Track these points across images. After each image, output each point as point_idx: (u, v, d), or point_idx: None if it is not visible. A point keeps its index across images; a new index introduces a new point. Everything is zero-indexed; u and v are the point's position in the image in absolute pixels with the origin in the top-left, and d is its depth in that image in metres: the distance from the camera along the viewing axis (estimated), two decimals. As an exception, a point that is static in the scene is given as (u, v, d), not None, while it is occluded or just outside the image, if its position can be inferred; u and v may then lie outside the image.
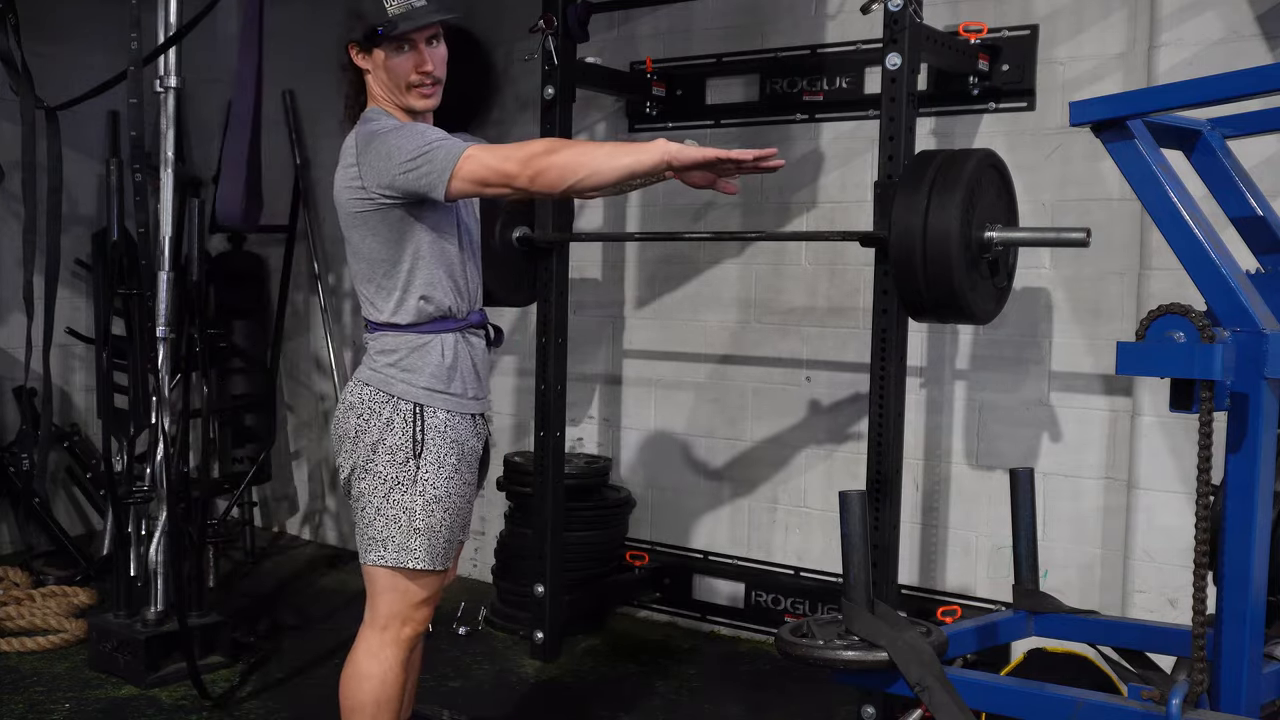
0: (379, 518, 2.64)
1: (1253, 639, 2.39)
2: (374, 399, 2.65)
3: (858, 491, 2.66)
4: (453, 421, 2.67)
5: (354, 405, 2.67)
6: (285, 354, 5.73)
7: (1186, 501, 3.44)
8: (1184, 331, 2.30)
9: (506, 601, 4.49)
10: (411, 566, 2.64)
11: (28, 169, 4.12)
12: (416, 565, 2.64)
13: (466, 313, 2.74)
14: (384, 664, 2.70)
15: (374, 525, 2.65)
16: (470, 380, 2.72)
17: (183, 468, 3.97)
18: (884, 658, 2.57)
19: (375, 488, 2.64)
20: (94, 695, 3.75)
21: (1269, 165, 3.28)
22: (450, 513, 2.68)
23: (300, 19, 5.50)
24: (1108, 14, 3.72)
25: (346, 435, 2.68)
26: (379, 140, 2.61)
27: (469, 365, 2.72)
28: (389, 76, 2.68)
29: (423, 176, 2.52)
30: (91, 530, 5.55)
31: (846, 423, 4.24)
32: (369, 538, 2.66)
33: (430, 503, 2.64)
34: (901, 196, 3.17)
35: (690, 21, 4.53)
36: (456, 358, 2.69)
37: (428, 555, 2.65)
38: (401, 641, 2.71)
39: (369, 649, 2.71)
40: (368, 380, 2.68)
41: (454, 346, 2.69)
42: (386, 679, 2.70)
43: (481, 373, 2.78)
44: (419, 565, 2.65)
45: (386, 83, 2.70)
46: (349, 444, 2.67)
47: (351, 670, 2.73)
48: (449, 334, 2.69)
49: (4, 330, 5.29)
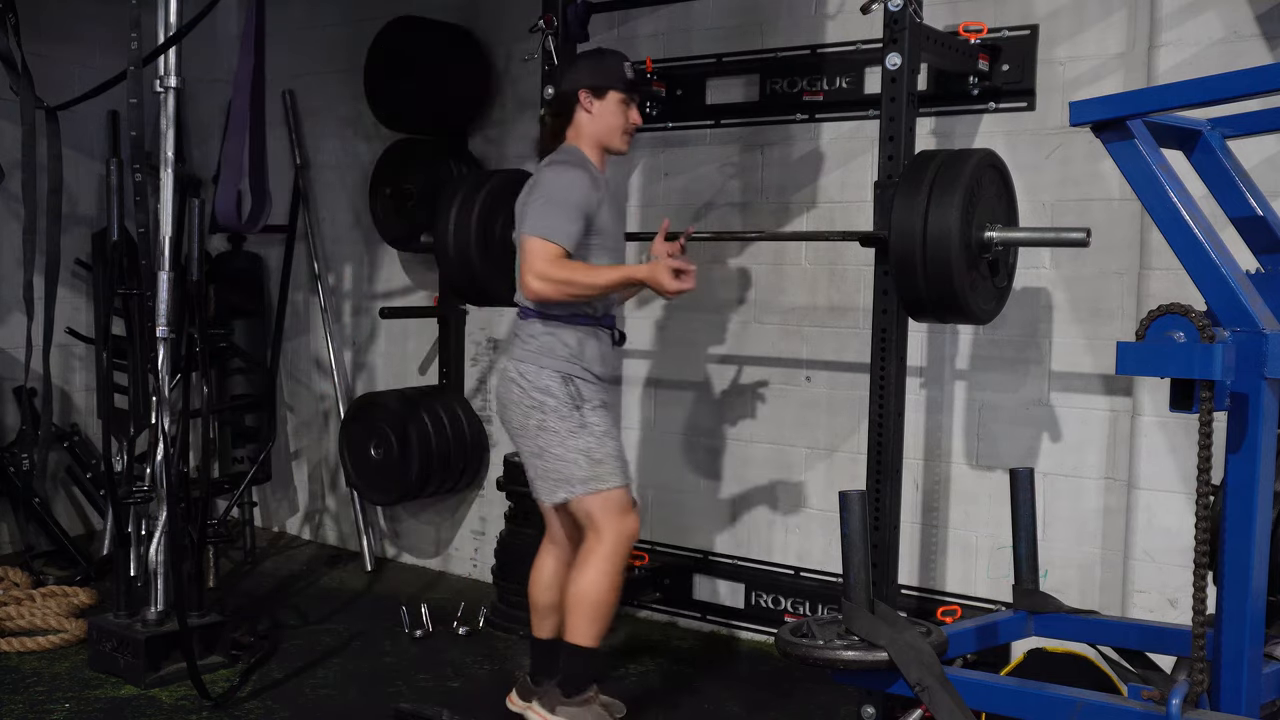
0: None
1: (1253, 639, 2.39)
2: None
3: (858, 491, 2.67)
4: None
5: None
6: (285, 354, 5.73)
7: (1186, 501, 3.44)
8: (1184, 331, 2.31)
9: (507, 601, 4.49)
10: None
11: (28, 169, 4.12)
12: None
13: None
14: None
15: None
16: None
17: (183, 468, 3.97)
18: (884, 658, 2.57)
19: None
20: (94, 695, 3.75)
21: (1269, 165, 3.28)
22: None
23: (300, 19, 5.51)
24: (1108, 14, 3.72)
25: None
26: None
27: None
28: (611, 120, 3.39)
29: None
30: (91, 530, 5.55)
31: (846, 423, 4.24)
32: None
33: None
34: (901, 196, 3.17)
35: (690, 21, 4.53)
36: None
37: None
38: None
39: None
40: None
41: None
42: (616, 581, 3.35)
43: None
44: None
45: (605, 125, 3.39)
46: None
47: (586, 576, 3.31)
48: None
49: (4, 330, 5.29)
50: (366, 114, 5.20)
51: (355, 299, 5.62)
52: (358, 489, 5.23)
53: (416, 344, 5.37)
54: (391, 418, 4.83)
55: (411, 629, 4.40)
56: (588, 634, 3.32)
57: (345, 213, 5.59)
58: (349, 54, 5.29)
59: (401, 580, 5.19)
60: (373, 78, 5.04)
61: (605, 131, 3.37)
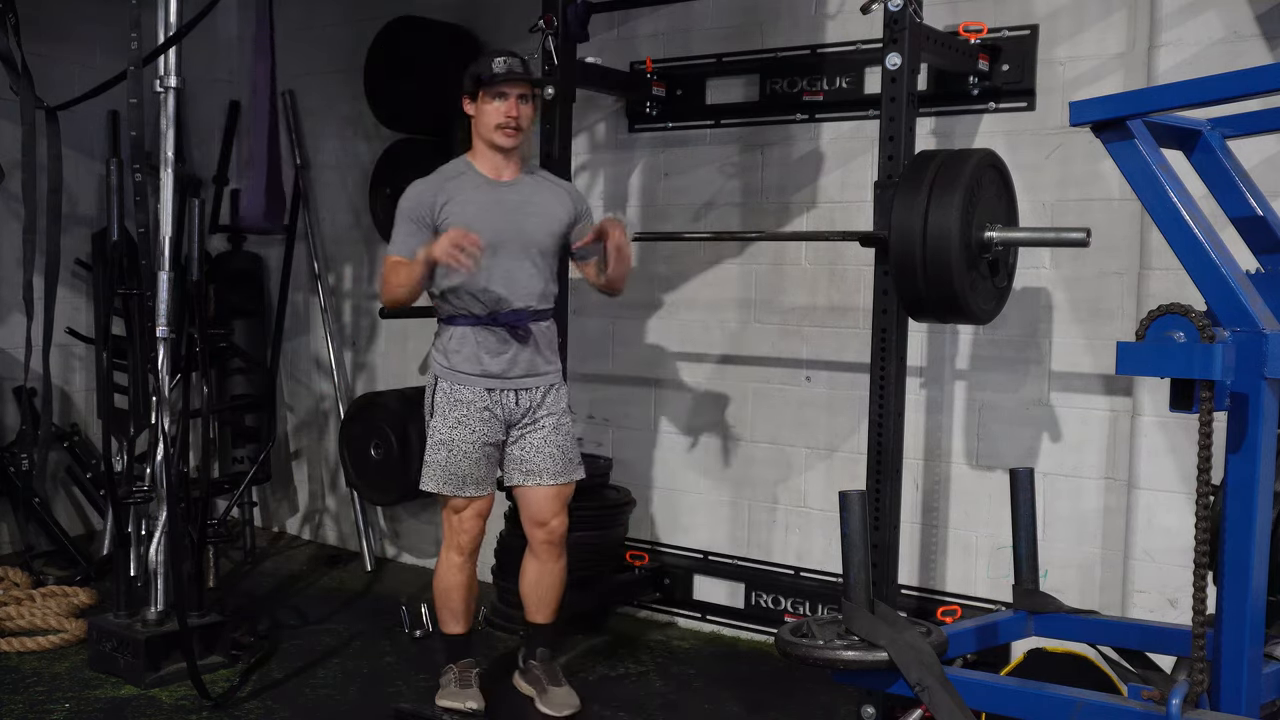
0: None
1: (1253, 639, 2.39)
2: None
3: (858, 491, 2.66)
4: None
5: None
6: (285, 354, 5.72)
7: (1186, 501, 3.44)
8: (1184, 331, 2.30)
9: (506, 601, 4.48)
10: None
11: (28, 169, 4.12)
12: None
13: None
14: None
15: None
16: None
17: (183, 468, 3.97)
18: (884, 658, 2.57)
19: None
20: (94, 695, 3.75)
21: (1269, 165, 3.28)
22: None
23: (300, 19, 5.51)
24: (1108, 14, 3.72)
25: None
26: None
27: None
28: (485, 119, 3.47)
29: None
30: (91, 530, 5.55)
31: (846, 423, 4.24)
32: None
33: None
34: (901, 196, 3.17)
35: (690, 21, 4.53)
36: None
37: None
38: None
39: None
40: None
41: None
42: (441, 570, 3.73)
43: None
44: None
45: (482, 125, 3.48)
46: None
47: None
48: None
49: (4, 330, 5.29)
50: (366, 114, 5.20)
51: (355, 299, 5.62)
52: (358, 489, 5.23)
53: (416, 344, 5.37)
54: (391, 418, 4.83)
55: (411, 629, 4.40)
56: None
57: (345, 213, 5.59)
58: (349, 54, 5.29)
59: (401, 580, 5.19)
60: (373, 78, 5.04)
61: (484, 130, 3.47)
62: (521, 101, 3.45)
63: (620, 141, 4.74)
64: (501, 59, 3.45)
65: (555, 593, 3.77)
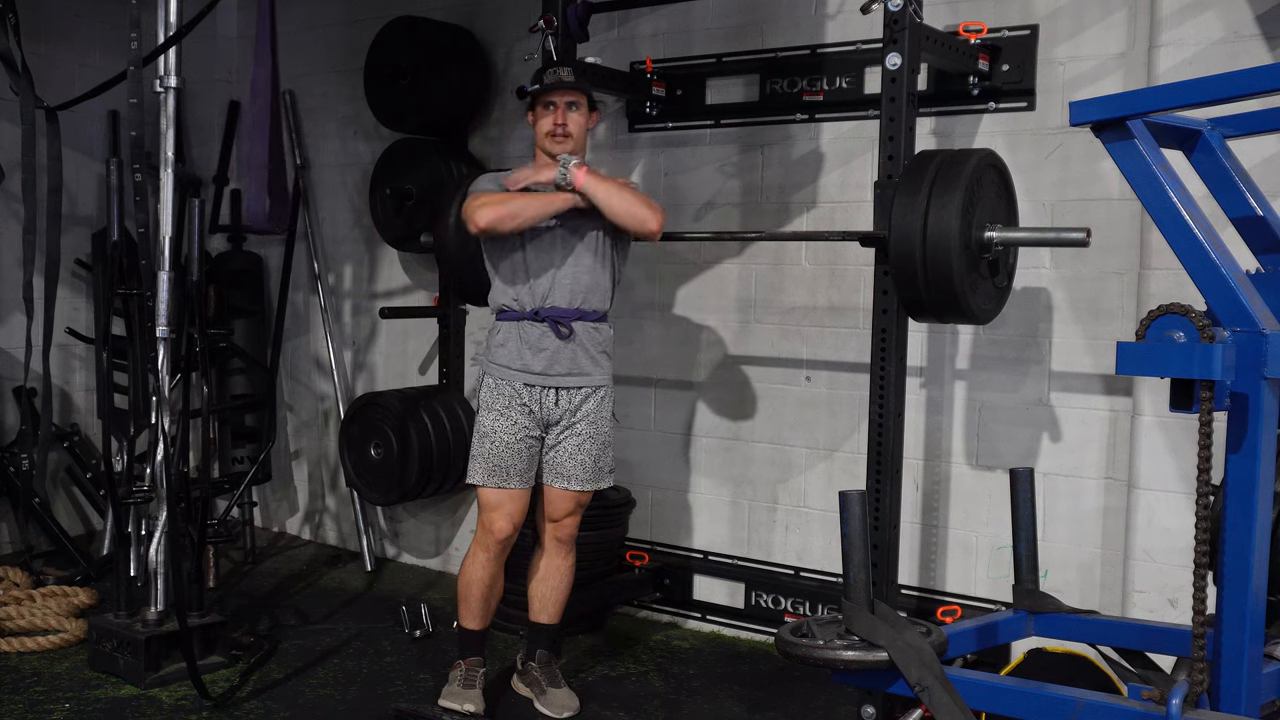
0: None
1: (1253, 639, 2.39)
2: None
3: (858, 491, 2.66)
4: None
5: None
6: (285, 354, 5.73)
7: (1186, 501, 3.44)
8: (1184, 331, 2.30)
9: (507, 601, 4.47)
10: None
11: (28, 169, 4.12)
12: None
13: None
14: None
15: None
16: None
17: (183, 468, 3.97)
18: (884, 658, 2.57)
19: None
20: (94, 695, 3.75)
21: (1269, 165, 3.28)
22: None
23: (300, 20, 5.51)
24: (1108, 14, 3.72)
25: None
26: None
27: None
28: (538, 128, 3.60)
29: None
30: (91, 530, 5.55)
31: (846, 423, 4.24)
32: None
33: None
34: (901, 196, 3.17)
35: (690, 21, 4.53)
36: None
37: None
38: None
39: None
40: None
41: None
42: (468, 564, 3.80)
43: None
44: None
45: (537, 133, 3.60)
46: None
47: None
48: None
49: (4, 330, 5.29)
50: (366, 114, 5.20)
51: (355, 299, 5.62)
52: (357, 489, 5.23)
53: (416, 344, 5.37)
54: (391, 418, 4.83)
55: (411, 629, 4.40)
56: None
57: (345, 213, 5.59)
58: (349, 54, 5.29)
59: (401, 580, 5.19)
60: (373, 78, 5.04)
61: (539, 138, 3.59)
62: (570, 109, 3.55)
63: (620, 141, 4.74)
64: (551, 70, 3.59)
65: (560, 593, 3.78)
